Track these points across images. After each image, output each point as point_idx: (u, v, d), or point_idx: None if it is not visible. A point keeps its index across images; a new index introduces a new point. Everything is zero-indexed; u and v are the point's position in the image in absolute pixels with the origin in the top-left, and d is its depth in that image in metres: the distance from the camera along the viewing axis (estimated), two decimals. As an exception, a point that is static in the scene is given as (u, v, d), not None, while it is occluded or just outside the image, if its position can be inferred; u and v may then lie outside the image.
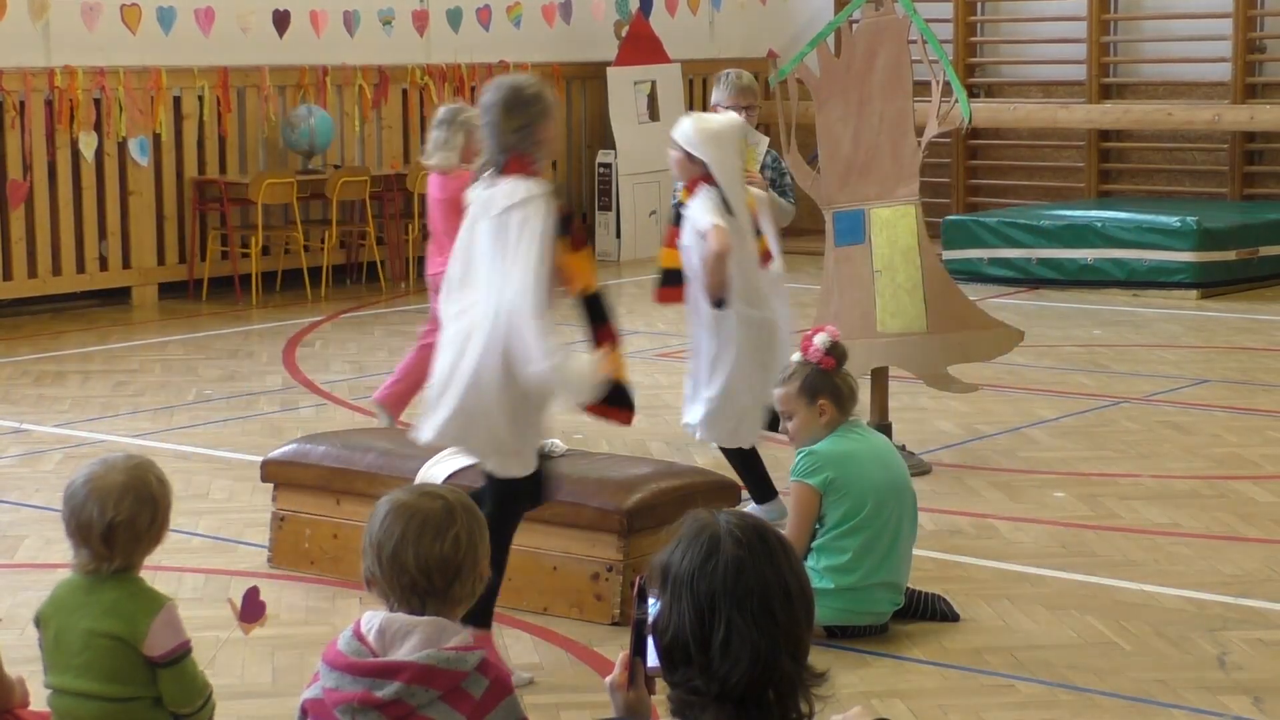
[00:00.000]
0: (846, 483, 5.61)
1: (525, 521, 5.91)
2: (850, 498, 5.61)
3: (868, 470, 5.66)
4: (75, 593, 3.95)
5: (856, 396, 5.84)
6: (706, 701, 2.75)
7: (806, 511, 5.64)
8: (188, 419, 9.13)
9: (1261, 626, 5.77)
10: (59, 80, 12.50)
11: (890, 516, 5.63)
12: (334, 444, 6.48)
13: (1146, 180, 15.85)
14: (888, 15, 7.96)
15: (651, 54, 15.78)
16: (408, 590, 3.37)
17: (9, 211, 12.46)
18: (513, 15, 15.15)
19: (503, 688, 3.34)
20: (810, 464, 5.64)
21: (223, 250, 13.51)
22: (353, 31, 14.14)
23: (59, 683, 3.94)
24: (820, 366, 5.73)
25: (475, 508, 3.45)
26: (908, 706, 5.09)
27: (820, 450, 5.67)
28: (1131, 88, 15.89)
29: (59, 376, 10.40)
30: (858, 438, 5.76)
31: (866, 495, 5.61)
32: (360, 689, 3.30)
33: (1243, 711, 5.04)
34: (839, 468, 5.63)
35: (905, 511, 5.71)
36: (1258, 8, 15.19)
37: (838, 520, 5.61)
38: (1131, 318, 12.25)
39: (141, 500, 3.90)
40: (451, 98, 14.74)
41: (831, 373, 5.73)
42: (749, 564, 2.75)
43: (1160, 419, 8.91)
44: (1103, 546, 6.68)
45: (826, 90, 7.94)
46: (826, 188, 7.92)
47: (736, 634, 2.71)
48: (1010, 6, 16.68)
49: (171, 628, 3.91)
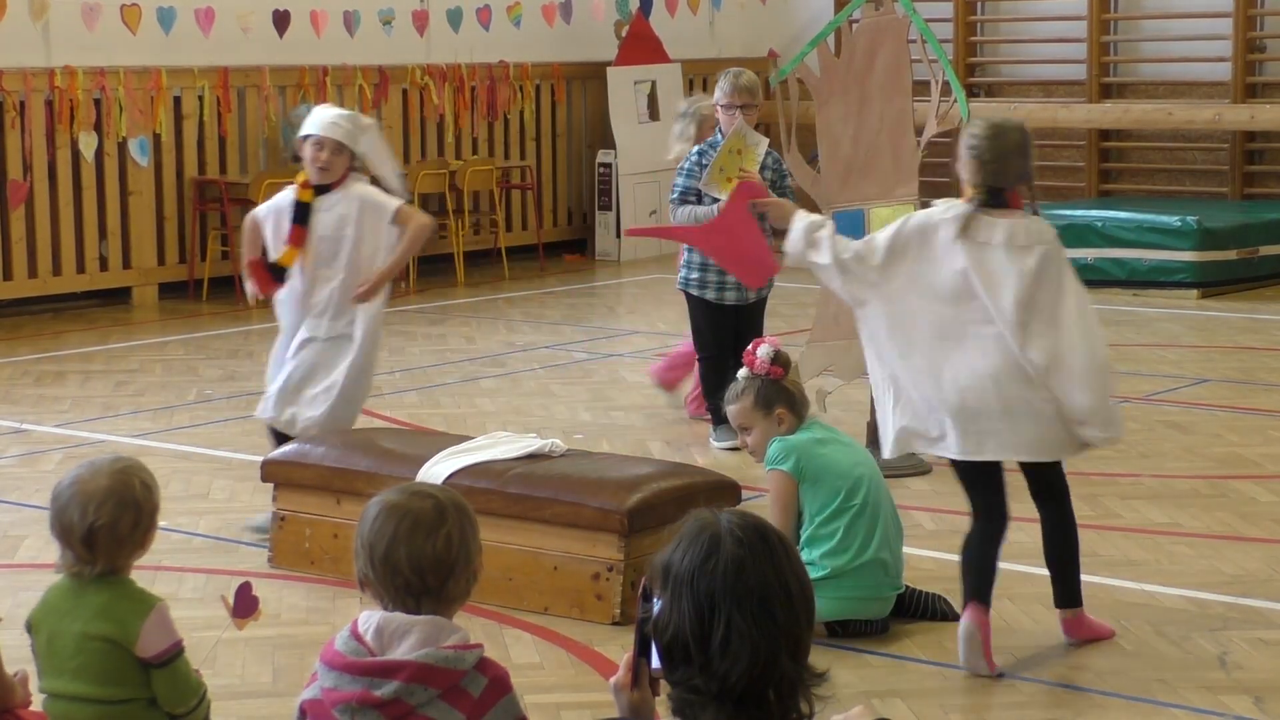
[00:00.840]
0: (818, 468, 5.71)
1: (525, 521, 5.93)
2: (825, 483, 5.69)
3: (834, 454, 5.76)
4: (66, 596, 3.94)
5: (807, 398, 5.93)
6: (706, 700, 2.75)
7: (786, 498, 5.71)
8: (188, 419, 9.13)
9: (1262, 626, 5.77)
10: (59, 80, 12.50)
11: (869, 494, 5.71)
12: (334, 444, 6.48)
13: (1147, 180, 15.85)
14: (887, 15, 7.96)
15: (652, 54, 15.78)
16: (402, 590, 3.37)
17: (9, 212, 12.45)
18: (513, 15, 15.15)
19: (501, 686, 3.34)
20: (780, 450, 5.74)
21: (223, 250, 13.50)
22: (353, 31, 14.14)
23: (53, 687, 3.94)
24: (770, 377, 5.78)
25: (466, 506, 3.45)
26: (908, 706, 5.09)
27: (788, 439, 5.78)
28: (1132, 87, 15.88)
29: (59, 376, 10.39)
30: (818, 428, 5.87)
31: (841, 478, 5.70)
32: (359, 688, 3.30)
33: (1244, 711, 5.04)
34: (809, 452, 5.72)
35: (880, 489, 5.78)
36: (1258, 7, 15.19)
37: (818, 508, 5.69)
38: (1132, 317, 12.25)
39: (123, 504, 3.89)
40: (452, 98, 14.78)
41: (781, 380, 5.80)
42: (749, 563, 2.75)
43: (1161, 418, 8.91)
44: (1103, 546, 6.67)
45: (827, 90, 7.94)
46: (826, 187, 7.91)
47: (736, 633, 2.72)
48: (1010, 6, 16.68)
49: (163, 628, 3.90)
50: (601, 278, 14.91)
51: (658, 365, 9.32)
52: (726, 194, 8.04)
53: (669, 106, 15.63)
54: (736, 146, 8.03)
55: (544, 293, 13.82)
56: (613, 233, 15.66)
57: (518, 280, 14.23)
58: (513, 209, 15.57)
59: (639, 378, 10.02)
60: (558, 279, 14.58)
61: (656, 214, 15.08)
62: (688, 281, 8.39)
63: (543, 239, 15.41)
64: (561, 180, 15.99)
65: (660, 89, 15.80)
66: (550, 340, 11.59)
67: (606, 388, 9.86)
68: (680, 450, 8.22)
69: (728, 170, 8.03)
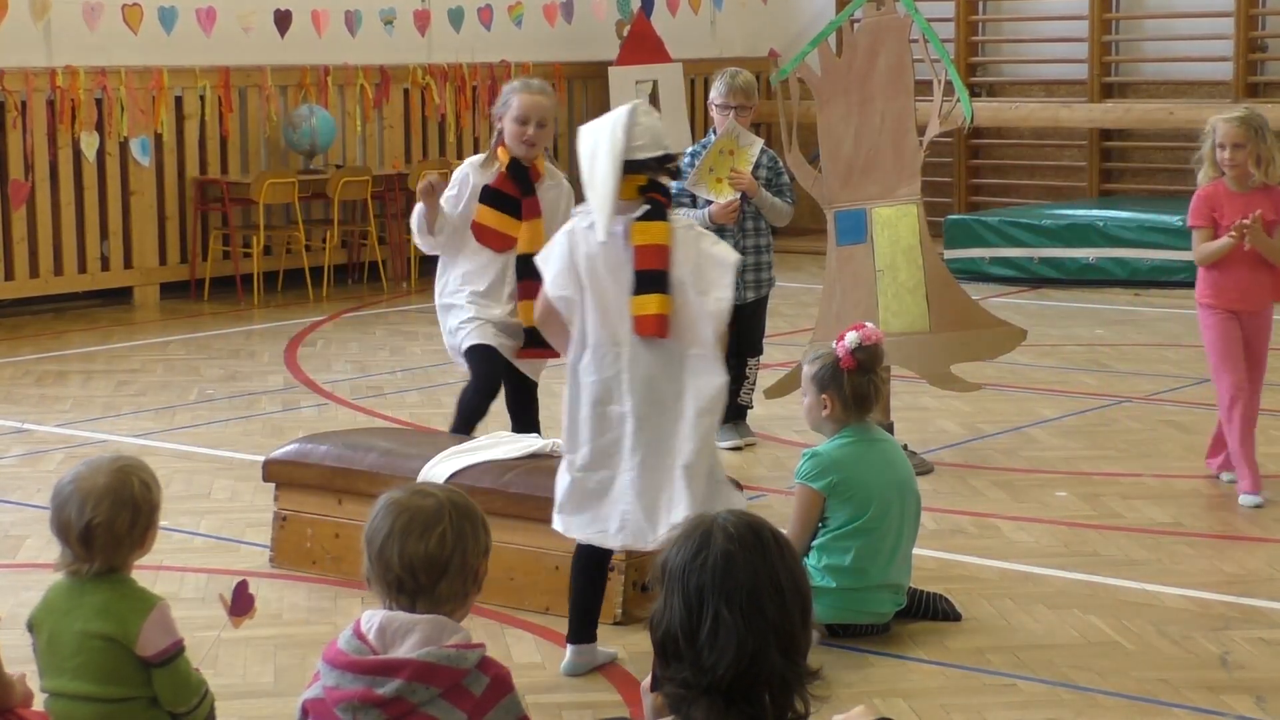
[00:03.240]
0: (851, 487, 5.59)
1: (527, 521, 5.92)
2: (855, 501, 5.58)
3: (873, 474, 5.62)
4: (66, 596, 3.94)
5: (871, 404, 5.73)
6: (696, 695, 2.76)
7: (808, 514, 5.62)
8: (189, 419, 9.13)
9: (1264, 626, 5.76)
10: (60, 80, 12.50)
11: (894, 519, 5.62)
12: (335, 444, 6.48)
13: (1148, 179, 15.85)
14: (889, 14, 7.95)
15: (653, 53, 15.78)
16: (393, 587, 3.37)
17: (11, 211, 12.46)
18: (514, 15, 15.15)
19: (503, 685, 3.34)
20: (815, 467, 5.62)
21: (224, 250, 13.51)
22: (354, 31, 14.14)
23: (54, 686, 3.94)
24: (839, 363, 5.69)
25: (472, 509, 3.44)
26: (910, 706, 5.08)
27: (825, 453, 5.64)
28: (1133, 87, 15.88)
29: (61, 376, 10.40)
30: (865, 441, 5.69)
31: (871, 499, 5.59)
32: (361, 687, 3.30)
33: (1245, 711, 5.03)
34: (844, 472, 5.60)
35: (908, 514, 5.69)
36: (1259, 7, 15.19)
37: (842, 521, 5.59)
38: (1133, 317, 12.24)
39: (121, 503, 3.88)
40: (453, 98, 14.78)
41: (848, 373, 5.65)
42: (739, 559, 2.77)
43: (1162, 418, 8.91)
44: (1105, 546, 6.67)
45: (828, 90, 7.93)
46: (828, 187, 7.91)
47: (723, 627, 2.73)
48: (1012, 6, 16.67)
49: (163, 627, 3.90)
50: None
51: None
52: (716, 194, 8.05)
53: (671, 106, 15.66)
54: (728, 147, 8.02)
55: (545, 292, 13.79)
56: (614, 232, 15.64)
57: (519, 280, 14.20)
58: (514, 209, 15.54)
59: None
60: (559, 279, 14.55)
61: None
62: (687, 282, 8.37)
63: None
64: (563, 180, 15.97)
65: (661, 89, 15.80)
66: (552, 340, 11.57)
67: (608, 387, 9.85)
68: (682, 450, 8.21)
69: (718, 170, 8.03)
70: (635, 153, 5.11)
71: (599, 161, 5.12)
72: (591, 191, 5.13)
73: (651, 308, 5.08)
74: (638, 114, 5.17)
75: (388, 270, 14.11)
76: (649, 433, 5.11)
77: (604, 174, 5.09)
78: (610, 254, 5.13)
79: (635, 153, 5.11)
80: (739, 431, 8.28)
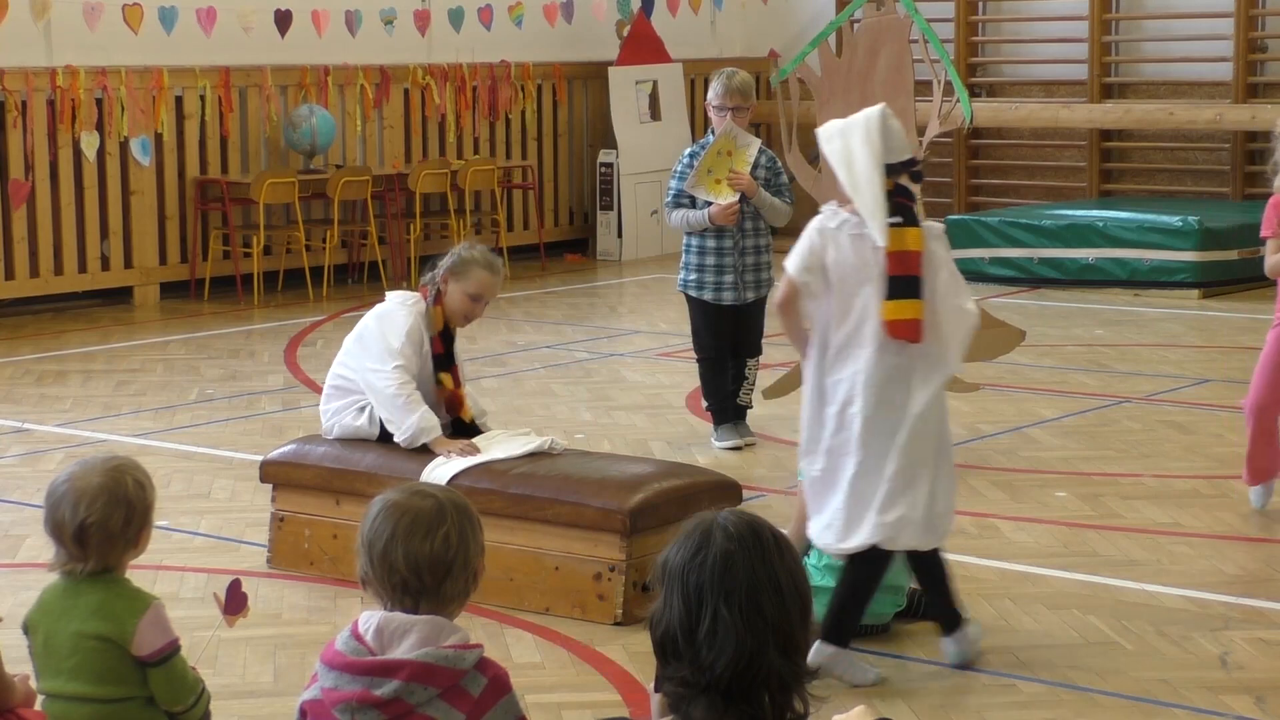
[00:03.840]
0: None
1: (527, 521, 5.93)
2: None
3: None
4: (61, 596, 3.94)
5: None
6: (696, 694, 2.76)
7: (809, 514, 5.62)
8: (189, 419, 9.14)
9: (1263, 626, 5.76)
10: (61, 80, 12.50)
11: None
12: (333, 444, 6.47)
13: (1148, 180, 15.85)
14: (889, 15, 7.96)
15: (653, 54, 15.79)
16: (399, 589, 3.36)
17: (11, 211, 12.46)
18: (514, 15, 15.15)
19: (501, 686, 3.34)
20: None
21: (224, 250, 13.51)
22: (354, 31, 14.14)
23: (51, 687, 3.93)
24: None
25: (469, 508, 3.44)
26: (909, 706, 5.08)
27: None
28: (1133, 87, 15.88)
29: (61, 376, 10.40)
30: None
31: None
32: (359, 687, 3.30)
33: (1245, 711, 5.04)
34: None
35: None
36: (1259, 7, 15.18)
37: None
38: (1133, 317, 12.24)
39: (115, 502, 3.87)
40: (454, 98, 14.78)
41: None
42: (738, 558, 2.77)
43: (1162, 418, 8.91)
44: (1104, 546, 6.67)
45: (828, 90, 7.94)
46: (828, 187, 7.91)
47: (722, 625, 2.74)
48: (1012, 6, 16.67)
49: (159, 627, 3.89)
50: (602, 277, 14.91)
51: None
52: (715, 196, 8.05)
53: (671, 106, 15.67)
54: (725, 148, 8.02)
55: (545, 292, 13.82)
56: (614, 232, 15.67)
57: (519, 280, 14.23)
58: (514, 209, 15.57)
59: (639, 377, 10.02)
60: (559, 279, 14.58)
61: (658, 214, 15.08)
62: (686, 283, 8.38)
63: (544, 239, 15.41)
64: (563, 180, 15.99)
65: (661, 89, 15.80)
66: (551, 340, 11.59)
67: (607, 387, 9.86)
68: (681, 450, 8.22)
69: (716, 172, 8.03)
70: (890, 156, 5.20)
71: (860, 166, 5.19)
72: (859, 197, 5.19)
73: (907, 313, 5.18)
74: (888, 118, 5.25)
75: (388, 270, 14.11)
76: (873, 433, 5.21)
77: (869, 179, 5.17)
78: (858, 255, 5.21)
79: (890, 156, 5.20)
80: (739, 431, 8.28)
